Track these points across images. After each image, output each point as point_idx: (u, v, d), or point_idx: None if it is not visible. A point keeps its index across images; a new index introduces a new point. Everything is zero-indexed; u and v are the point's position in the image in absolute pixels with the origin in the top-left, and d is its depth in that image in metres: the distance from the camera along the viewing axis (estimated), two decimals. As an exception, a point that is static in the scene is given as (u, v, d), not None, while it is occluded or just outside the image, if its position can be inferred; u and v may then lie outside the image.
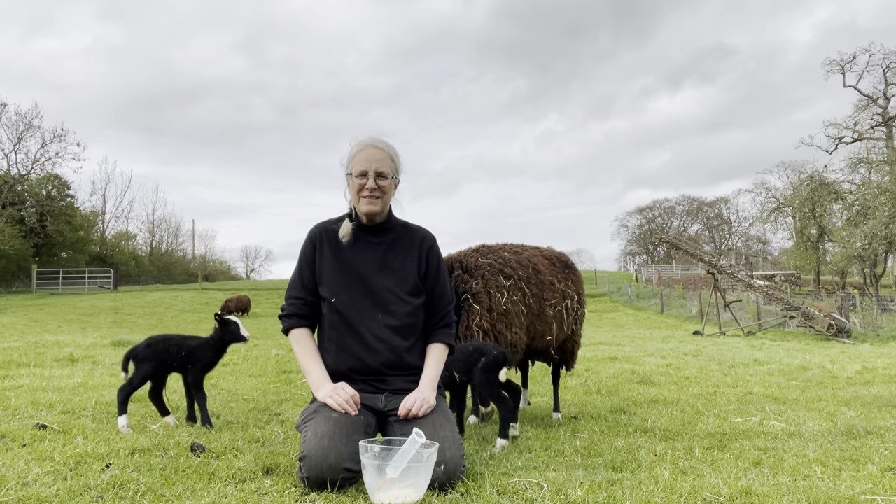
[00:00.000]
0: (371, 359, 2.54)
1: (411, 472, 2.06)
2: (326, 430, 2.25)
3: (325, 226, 2.72)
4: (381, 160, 2.59)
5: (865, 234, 30.74)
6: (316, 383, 2.50)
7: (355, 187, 2.59)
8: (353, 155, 2.62)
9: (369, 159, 2.57)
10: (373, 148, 2.60)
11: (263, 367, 6.14)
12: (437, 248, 2.75)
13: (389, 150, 2.64)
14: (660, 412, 4.01)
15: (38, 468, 2.24)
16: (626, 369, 6.74)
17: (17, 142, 37.11)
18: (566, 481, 2.26)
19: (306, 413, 2.46)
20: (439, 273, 2.71)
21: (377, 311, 2.58)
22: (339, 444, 2.18)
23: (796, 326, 17.86)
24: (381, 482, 2.05)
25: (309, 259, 2.68)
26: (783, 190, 44.50)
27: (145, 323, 18.90)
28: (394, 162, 2.63)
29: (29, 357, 6.28)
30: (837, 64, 37.36)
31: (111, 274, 36.92)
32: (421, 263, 2.68)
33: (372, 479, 2.08)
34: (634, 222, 69.79)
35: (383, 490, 2.04)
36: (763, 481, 2.32)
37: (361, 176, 2.56)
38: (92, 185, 61.04)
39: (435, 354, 2.65)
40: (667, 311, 26.88)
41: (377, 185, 2.56)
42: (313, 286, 2.66)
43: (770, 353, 9.64)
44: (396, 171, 2.65)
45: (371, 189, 2.55)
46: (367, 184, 2.55)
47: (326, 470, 2.13)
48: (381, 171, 2.57)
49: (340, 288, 2.61)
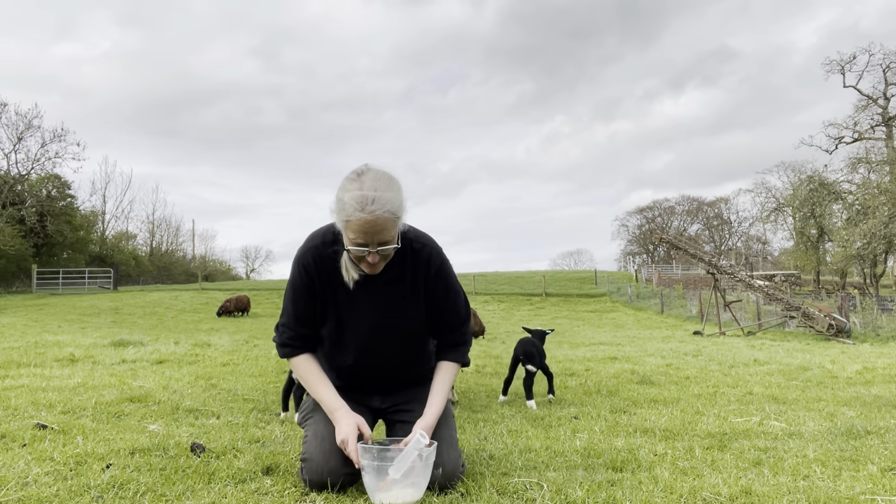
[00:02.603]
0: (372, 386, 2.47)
1: (412, 472, 2.06)
2: (327, 432, 2.23)
3: (319, 252, 2.27)
4: (382, 230, 2.08)
5: (865, 234, 30.74)
6: (332, 411, 2.25)
7: (353, 254, 2.15)
8: (347, 217, 2.07)
9: (368, 231, 2.06)
10: (371, 218, 2.04)
11: (263, 368, 6.14)
12: (445, 267, 2.38)
13: (392, 209, 2.08)
14: (660, 412, 4.01)
15: (38, 468, 2.24)
16: (626, 369, 6.74)
17: (17, 142, 37.16)
18: (566, 481, 2.26)
19: (305, 409, 2.44)
20: (447, 294, 2.39)
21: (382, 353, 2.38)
22: (339, 448, 2.18)
23: (796, 326, 17.85)
24: (382, 483, 2.04)
25: (302, 292, 2.30)
26: (783, 190, 44.55)
27: (145, 323, 18.90)
28: (399, 219, 2.14)
29: (29, 357, 6.28)
30: (837, 64, 37.40)
31: (111, 274, 36.93)
32: (424, 291, 2.35)
33: (372, 481, 2.07)
34: (634, 222, 69.84)
35: (384, 491, 2.04)
36: (763, 481, 2.32)
37: (359, 246, 2.11)
38: (92, 185, 61.24)
39: (444, 377, 2.40)
40: (667, 311, 26.88)
41: (380, 256, 2.15)
42: (311, 320, 2.36)
43: (770, 353, 9.64)
44: (402, 219, 2.18)
45: (372, 262, 2.15)
46: (367, 257, 2.13)
47: (328, 473, 2.13)
48: (385, 241, 2.11)
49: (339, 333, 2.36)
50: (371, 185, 2.05)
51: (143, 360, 6.46)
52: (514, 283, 40.91)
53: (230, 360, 6.67)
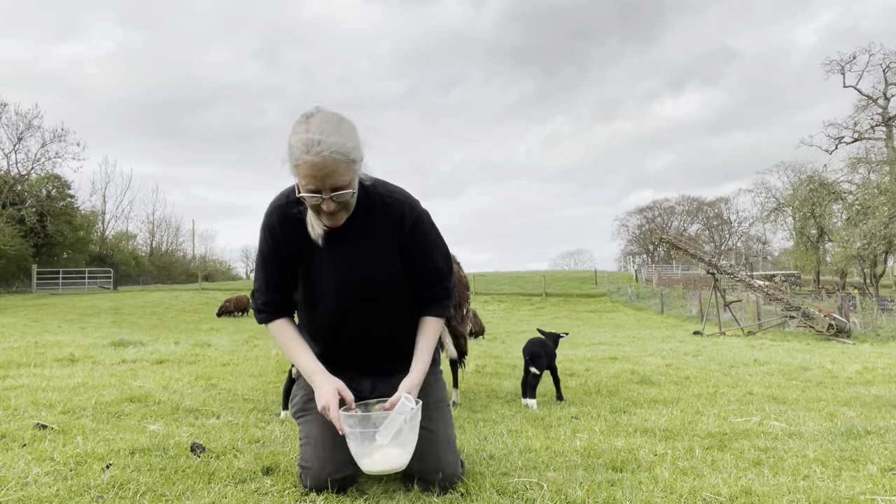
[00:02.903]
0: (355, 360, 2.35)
1: (399, 435, 2.01)
2: (321, 436, 2.18)
3: (284, 212, 2.17)
4: (334, 173, 1.94)
5: (865, 234, 30.75)
6: (309, 375, 2.18)
7: (307, 202, 2.03)
8: (296, 162, 1.96)
9: (318, 175, 1.93)
10: (319, 159, 1.91)
11: (263, 368, 6.13)
12: (421, 221, 2.22)
13: (344, 150, 1.95)
14: (660, 412, 4.01)
15: (38, 468, 2.24)
16: (626, 369, 6.74)
17: (17, 142, 37.18)
18: (566, 481, 2.26)
19: (297, 404, 2.38)
20: (426, 250, 2.25)
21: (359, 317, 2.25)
22: (336, 453, 2.14)
23: (796, 326, 17.86)
24: (370, 449, 2.00)
25: (270, 257, 2.23)
26: (783, 190, 44.55)
27: (145, 323, 18.90)
28: (353, 162, 1.99)
29: (29, 357, 6.28)
30: (837, 64, 37.40)
31: (111, 274, 36.94)
32: (399, 247, 2.21)
33: (357, 447, 2.02)
34: (634, 222, 69.85)
35: (371, 457, 2.00)
36: (763, 481, 2.32)
37: (312, 194, 1.98)
38: (92, 185, 61.21)
39: (427, 332, 2.30)
40: (667, 311, 26.88)
41: (336, 203, 2.01)
42: (283, 286, 2.28)
43: (770, 353, 9.64)
44: (358, 163, 2.03)
45: (329, 211, 2.02)
46: (321, 205, 2.00)
47: (326, 479, 2.12)
48: (339, 186, 1.97)
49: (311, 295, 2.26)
50: (318, 128, 1.93)
51: (143, 360, 6.46)
52: (514, 283, 40.91)
53: (230, 360, 6.67)
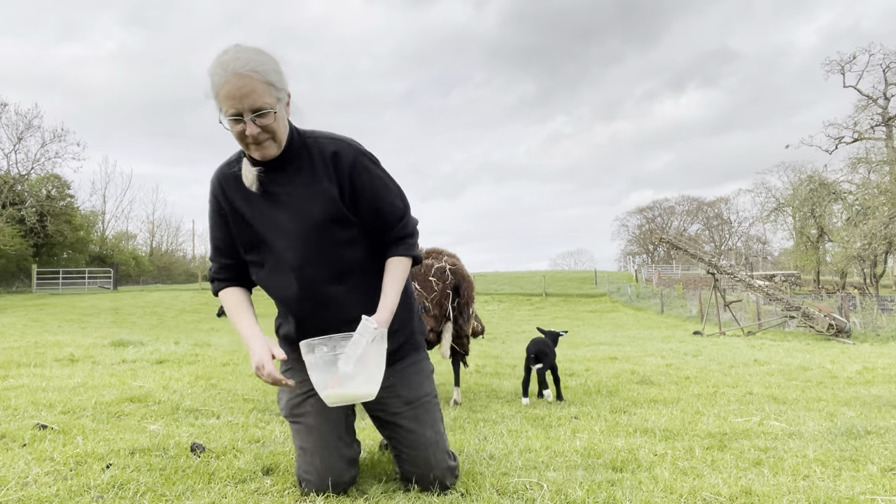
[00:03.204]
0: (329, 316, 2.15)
1: (364, 363, 1.88)
2: (315, 444, 2.15)
3: (223, 172, 2.17)
4: (252, 92, 1.89)
5: (865, 234, 30.75)
6: (246, 341, 2.10)
7: (233, 133, 1.97)
8: (217, 89, 1.91)
9: (236, 96, 1.88)
10: (235, 78, 1.87)
11: (263, 367, 6.13)
12: (362, 160, 2.11)
13: (261, 70, 1.90)
14: (660, 412, 4.01)
15: (38, 468, 2.24)
16: (626, 369, 6.74)
17: (17, 142, 37.18)
18: (566, 481, 2.26)
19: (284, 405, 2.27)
20: (375, 189, 2.13)
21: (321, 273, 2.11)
22: (333, 458, 2.13)
23: (796, 326, 17.85)
24: (332, 380, 1.87)
25: (216, 219, 2.21)
26: (783, 190, 44.55)
27: (145, 323, 18.90)
28: (272, 85, 1.93)
29: (29, 357, 6.28)
30: (837, 64, 37.37)
31: (111, 274, 36.93)
32: (344, 189, 2.09)
33: (320, 377, 1.90)
34: (634, 222, 69.84)
35: (336, 387, 1.88)
36: (763, 481, 2.32)
37: (235, 120, 1.93)
38: (92, 185, 61.32)
39: (392, 272, 2.15)
40: (667, 311, 26.88)
41: (259, 127, 1.94)
42: (231, 248, 2.22)
43: (770, 353, 9.64)
44: (280, 90, 1.97)
45: (253, 136, 1.94)
46: (245, 129, 1.93)
47: (324, 488, 2.11)
48: (258, 108, 1.90)
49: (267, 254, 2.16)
50: (234, 54, 1.92)
51: (143, 360, 6.46)
52: (514, 283, 40.91)
53: (230, 360, 6.67)
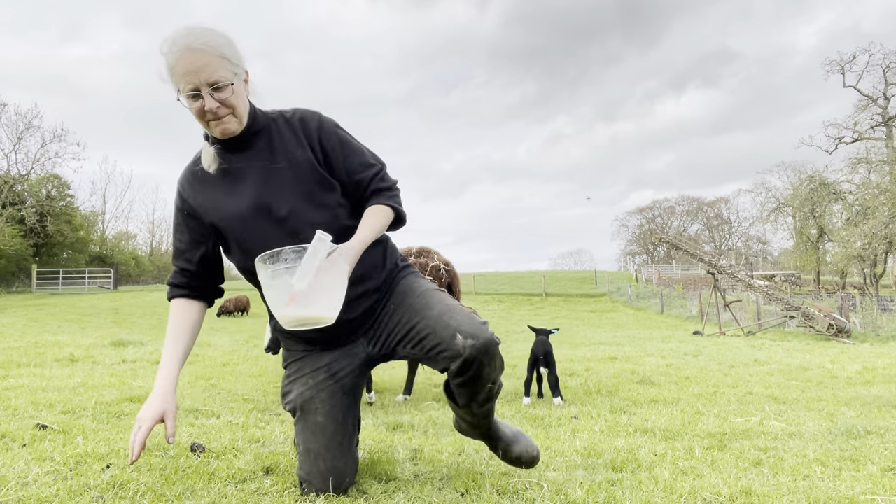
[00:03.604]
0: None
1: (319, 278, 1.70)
2: (317, 445, 2.11)
3: (190, 170, 2.13)
4: (207, 66, 1.86)
5: (865, 234, 30.76)
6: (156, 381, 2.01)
7: (192, 111, 1.93)
8: (171, 66, 1.88)
9: (191, 70, 1.85)
10: (189, 53, 1.85)
11: (263, 367, 6.14)
12: (327, 123, 2.11)
13: (214, 45, 1.88)
14: (660, 412, 4.01)
15: (38, 468, 2.24)
16: (626, 369, 6.74)
17: (17, 142, 37.20)
18: (566, 481, 2.26)
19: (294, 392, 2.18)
20: (344, 147, 2.09)
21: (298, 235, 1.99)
22: (337, 460, 2.10)
23: (796, 326, 17.86)
24: (287, 298, 1.69)
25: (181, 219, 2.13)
26: (783, 190, 44.56)
27: (145, 323, 18.90)
28: (226, 59, 1.90)
29: (29, 357, 6.28)
30: (837, 64, 37.39)
31: (111, 274, 36.95)
32: (316, 153, 2.06)
33: (275, 295, 1.73)
34: (634, 222, 69.86)
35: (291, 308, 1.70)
36: (763, 481, 2.32)
37: (193, 97, 1.89)
38: (92, 185, 61.51)
39: (368, 215, 2.06)
40: (667, 311, 26.88)
41: (218, 101, 1.90)
42: (192, 250, 2.13)
43: (770, 353, 9.64)
44: (236, 65, 1.93)
45: (212, 111, 1.90)
46: (204, 105, 1.89)
47: (326, 491, 2.09)
48: (215, 81, 1.87)
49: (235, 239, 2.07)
50: (186, 30, 1.88)
51: (143, 360, 6.46)
52: (514, 283, 40.90)
53: (230, 360, 6.67)
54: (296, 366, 2.22)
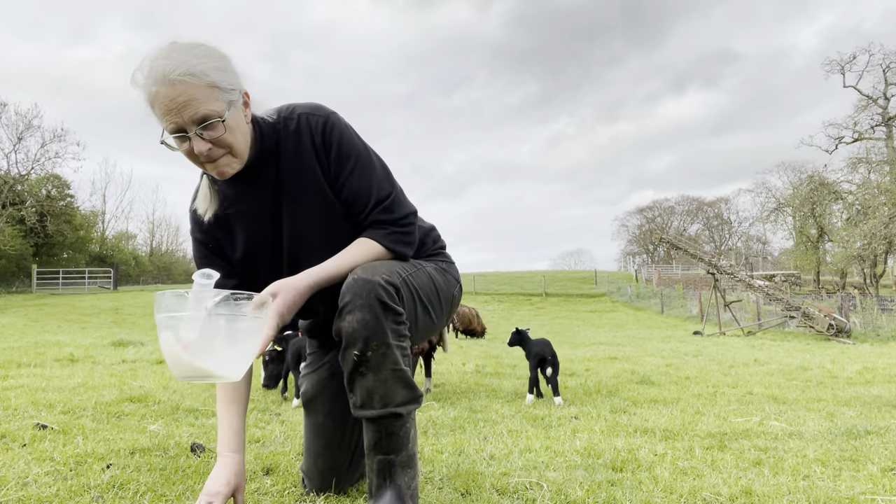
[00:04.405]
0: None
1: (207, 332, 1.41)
2: (317, 445, 2.09)
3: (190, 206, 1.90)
4: (191, 101, 1.51)
5: (865, 234, 30.77)
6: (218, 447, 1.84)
7: (180, 149, 1.61)
8: (150, 102, 1.55)
9: (173, 108, 1.51)
10: (167, 87, 1.50)
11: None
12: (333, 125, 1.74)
13: (198, 71, 1.52)
14: (660, 412, 4.01)
15: (38, 468, 2.24)
16: (626, 369, 6.74)
17: (17, 142, 37.21)
18: (566, 481, 2.26)
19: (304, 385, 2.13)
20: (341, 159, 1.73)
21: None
22: (335, 460, 2.09)
23: (796, 326, 17.87)
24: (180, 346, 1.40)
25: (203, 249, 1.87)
26: (783, 190, 44.59)
27: (145, 323, 18.89)
28: (216, 87, 1.55)
29: (29, 357, 6.28)
30: (837, 64, 37.42)
31: (111, 274, 36.95)
32: (323, 165, 1.74)
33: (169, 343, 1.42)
34: (634, 222, 69.89)
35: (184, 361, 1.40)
36: (763, 481, 2.32)
37: (180, 138, 1.57)
38: (92, 185, 61.51)
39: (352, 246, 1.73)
40: (667, 311, 26.88)
41: (209, 140, 1.57)
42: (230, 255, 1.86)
43: (770, 353, 9.64)
44: (229, 91, 1.59)
45: (203, 154, 1.58)
46: (193, 148, 1.56)
47: (326, 489, 2.10)
48: (202, 118, 1.53)
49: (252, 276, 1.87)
50: (165, 54, 1.52)
51: (143, 360, 6.46)
52: (515, 283, 40.91)
53: (230, 360, 6.67)
54: (311, 358, 2.21)
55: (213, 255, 1.86)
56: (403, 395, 1.64)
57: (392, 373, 1.61)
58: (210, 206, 1.79)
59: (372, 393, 1.61)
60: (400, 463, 1.65)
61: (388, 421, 1.63)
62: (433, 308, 1.86)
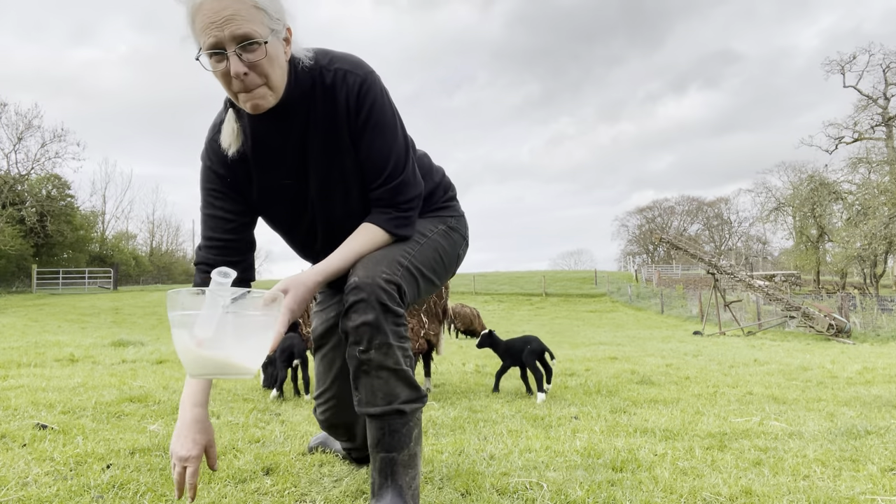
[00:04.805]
0: None
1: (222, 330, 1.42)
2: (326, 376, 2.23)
3: (210, 137, 1.79)
4: (235, 16, 1.45)
5: (865, 235, 30.78)
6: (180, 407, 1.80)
7: (216, 75, 1.54)
8: (192, 16, 1.49)
9: (215, 21, 1.45)
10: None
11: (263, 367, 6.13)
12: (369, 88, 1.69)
13: None
14: (660, 412, 4.01)
15: (38, 468, 2.24)
16: (626, 369, 6.74)
17: (17, 142, 37.22)
18: (566, 481, 2.26)
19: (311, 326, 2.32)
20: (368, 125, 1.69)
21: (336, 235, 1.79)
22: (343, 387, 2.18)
23: (796, 326, 17.87)
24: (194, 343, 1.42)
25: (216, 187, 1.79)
26: (783, 190, 44.60)
27: (145, 323, 18.90)
28: (262, 10, 1.49)
29: (29, 357, 6.28)
30: (837, 64, 37.44)
31: (111, 274, 36.95)
32: (352, 126, 1.70)
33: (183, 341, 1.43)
34: (634, 222, 69.90)
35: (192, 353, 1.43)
36: (763, 481, 2.32)
37: (216, 54, 1.49)
38: (92, 185, 61.68)
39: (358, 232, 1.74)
40: (667, 311, 26.89)
41: (247, 64, 1.50)
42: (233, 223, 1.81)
43: (770, 353, 9.64)
44: (275, 19, 1.53)
45: (239, 76, 1.49)
46: (229, 68, 1.49)
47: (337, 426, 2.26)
48: (243, 36, 1.47)
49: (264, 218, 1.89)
50: None
51: (143, 360, 6.46)
52: (515, 283, 40.92)
53: (230, 360, 6.67)
54: (321, 297, 2.32)
55: (230, 190, 1.79)
56: (407, 393, 1.68)
57: (394, 372, 1.65)
58: (234, 141, 1.72)
59: (376, 390, 1.65)
60: (402, 461, 1.67)
61: (391, 418, 1.66)
62: (436, 275, 1.90)
